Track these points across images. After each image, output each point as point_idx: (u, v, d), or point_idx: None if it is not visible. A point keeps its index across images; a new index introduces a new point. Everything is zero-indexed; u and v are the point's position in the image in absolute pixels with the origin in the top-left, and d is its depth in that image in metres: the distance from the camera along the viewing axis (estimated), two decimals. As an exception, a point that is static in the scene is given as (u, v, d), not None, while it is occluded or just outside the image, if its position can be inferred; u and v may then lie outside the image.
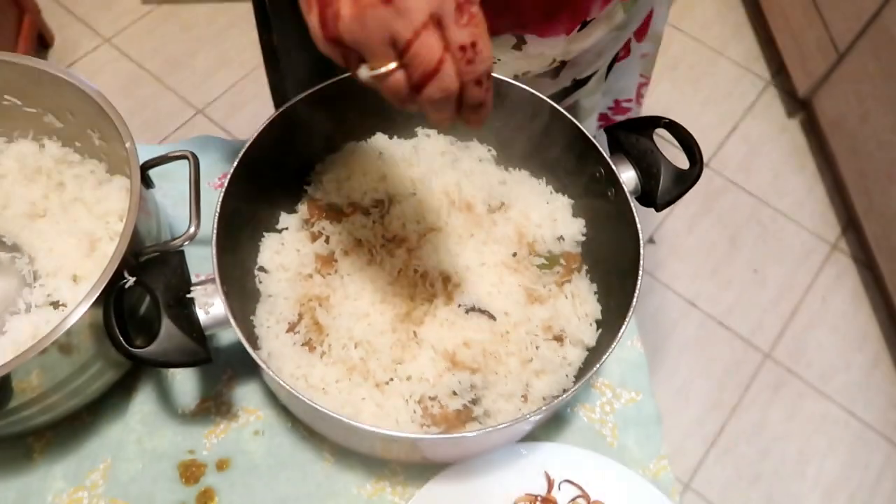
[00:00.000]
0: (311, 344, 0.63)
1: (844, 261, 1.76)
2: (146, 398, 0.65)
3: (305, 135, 0.67)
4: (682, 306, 1.68)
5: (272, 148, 0.63)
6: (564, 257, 0.70)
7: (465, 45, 0.38)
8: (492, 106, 0.42)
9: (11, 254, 0.63)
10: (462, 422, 0.61)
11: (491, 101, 0.42)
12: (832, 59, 1.72)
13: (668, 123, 0.66)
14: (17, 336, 0.59)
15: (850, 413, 1.57)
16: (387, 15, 0.36)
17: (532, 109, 0.66)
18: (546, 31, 0.68)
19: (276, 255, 0.67)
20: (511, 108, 0.67)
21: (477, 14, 0.38)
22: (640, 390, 0.69)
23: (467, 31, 0.38)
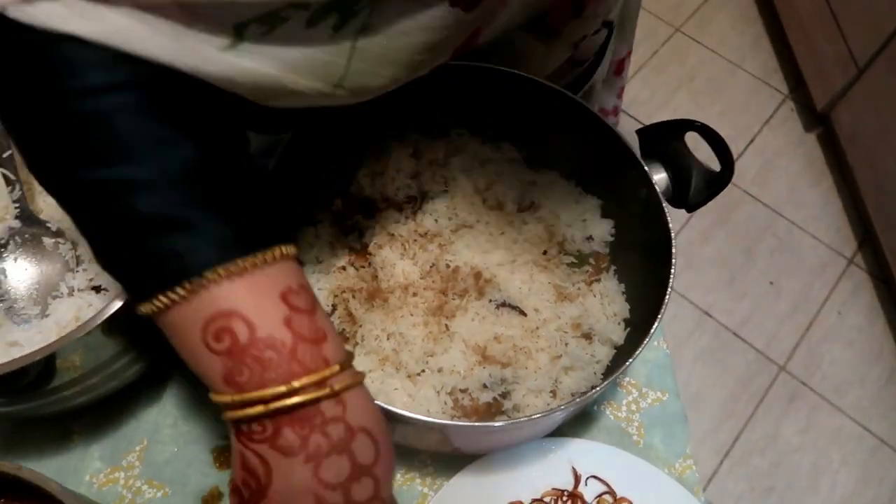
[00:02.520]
0: (344, 334, 0.65)
1: (860, 275, 1.76)
2: (182, 383, 0.67)
3: (341, 131, 0.68)
4: (697, 316, 1.68)
5: (309, 144, 0.65)
6: (594, 257, 0.71)
7: None
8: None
9: (55, 239, 0.64)
10: (492, 415, 0.62)
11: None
12: (851, 75, 1.73)
13: (700, 126, 0.67)
14: (61, 318, 0.60)
15: (864, 428, 1.57)
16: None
17: (562, 111, 0.67)
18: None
19: (310, 247, 0.68)
20: (541, 109, 0.69)
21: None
22: (665, 390, 0.70)
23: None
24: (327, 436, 0.37)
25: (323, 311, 0.40)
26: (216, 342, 0.36)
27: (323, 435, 0.37)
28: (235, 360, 0.36)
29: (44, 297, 0.62)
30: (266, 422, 0.36)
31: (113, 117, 0.37)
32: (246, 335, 0.36)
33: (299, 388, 0.36)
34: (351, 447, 0.38)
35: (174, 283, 0.36)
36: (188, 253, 0.37)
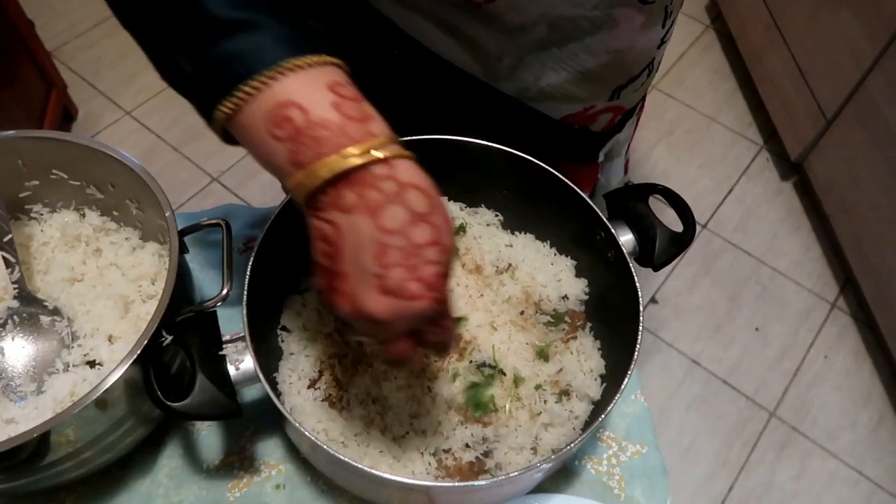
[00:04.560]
0: (331, 399, 0.67)
1: (844, 319, 1.79)
2: (173, 453, 0.69)
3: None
4: (686, 365, 1.70)
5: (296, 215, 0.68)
6: (569, 315, 0.74)
7: (437, 343, 0.50)
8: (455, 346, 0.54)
9: (52, 317, 0.67)
10: (475, 473, 0.64)
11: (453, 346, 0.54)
12: (821, 126, 1.80)
13: (662, 190, 0.71)
14: (57, 394, 0.62)
15: (858, 472, 1.57)
16: (373, 327, 0.45)
17: (536, 178, 0.71)
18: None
19: (297, 315, 0.71)
20: (517, 176, 0.73)
21: (447, 325, 0.49)
22: (645, 443, 0.72)
23: (436, 336, 0.49)
24: (380, 190, 0.43)
25: (368, 104, 0.46)
26: (279, 129, 0.43)
27: (376, 190, 0.43)
28: (296, 142, 0.43)
29: (40, 374, 0.64)
30: (328, 190, 0.43)
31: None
32: (302, 119, 0.43)
33: (350, 154, 0.42)
34: (404, 198, 0.43)
35: (246, 77, 0.43)
36: (256, 51, 0.43)
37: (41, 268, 0.71)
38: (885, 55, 1.56)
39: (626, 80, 0.75)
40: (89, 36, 2.21)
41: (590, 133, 0.82)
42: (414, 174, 0.45)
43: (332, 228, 0.44)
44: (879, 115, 1.59)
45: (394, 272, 0.43)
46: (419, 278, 0.43)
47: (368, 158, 0.43)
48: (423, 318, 0.45)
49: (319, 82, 0.44)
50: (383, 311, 0.44)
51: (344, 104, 0.44)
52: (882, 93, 1.58)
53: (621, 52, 0.70)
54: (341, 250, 0.44)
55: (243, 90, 0.43)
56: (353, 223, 0.43)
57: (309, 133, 0.43)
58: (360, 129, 0.43)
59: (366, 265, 0.43)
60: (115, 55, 2.17)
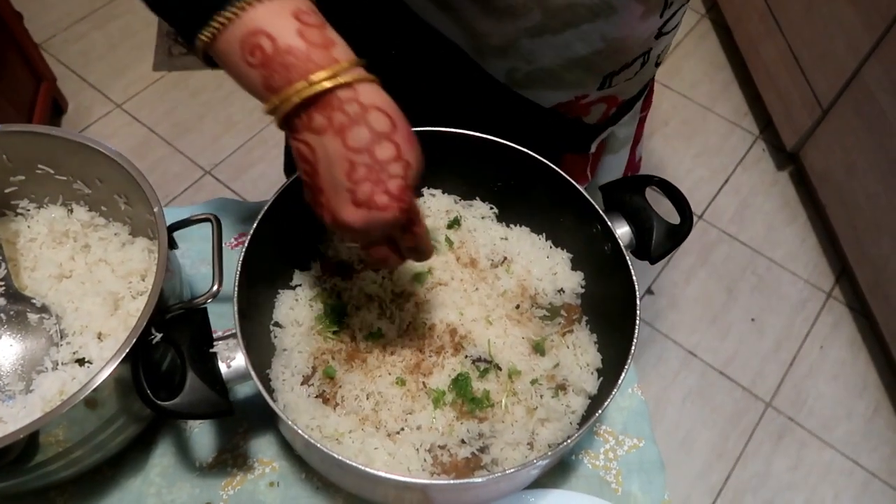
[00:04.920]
0: (324, 396, 0.66)
1: (840, 309, 1.79)
2: (165, 451, 0.68)
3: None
4: (682, 356, 1.70)
5: (287, 210, 0.67)
6: (565, 309, 0.73)
7: (410, 247, 0.56)
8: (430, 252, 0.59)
9: (40, 315, 0.66)
10: (471, 469, 0.64)
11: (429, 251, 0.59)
12: (817, 115, 1.79)
13: (658, 182, 0.70)
14: (45, 393, 0.61)
15: (854, 462, 1.58)
16: (351, 233, 0.51)
17: (531, 170, 0.70)
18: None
19: (290, 310, 0.70)
20: (511, 168, 0.72)
21: (417, 231, 0.55)
22: (642, 437, 0.71)
23: (408, 242, 0.56)
24: (345, 112, 0.47)
25: (332, 30, 0.49)
26: (251, 57, 0.47)
27: (342, 112, 0.47)
28: (267, 68, 0.47)
29: (28, 373, 0.63)
30: (301, 113, 0.48)
31: None
32: (270, 47, 0.46)
33: (316, 80, 0.46)
34: (367, 119, 0.47)
35: (219, 8, 0.46)
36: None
37: (28, 264, 0.70)
38: (881, 44, 1.55)
39: (618, 66, 0.74)
40: (78, 28, 2.19)
41: (582, 124, 0.81)
42: (376, 97, 0.49)
43: (308, 149, 0.49)
44: (876, 104, 1.58)
45: (362, 186, 0.48)
46: (385, 190, 0.48)
47: (334, 83, 0.46)
48: (394, 225, 0.51)
49: (285, 10, 0.47)
50: (357, 220, 0.49)
51: (308, 31, 0.47)
52: (878, 82, 1.57)
53: (617, 41, 0.69)
54: (317, 168, 0.49)
55: (217, 20, 0.47)
56: (324, 144, 0.48)
57: (278, 60, 0.47)
58: (325, 55, 0.47)
59: (338, 181, 0.49)
60: (104, 47, 2.15)
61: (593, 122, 0.81)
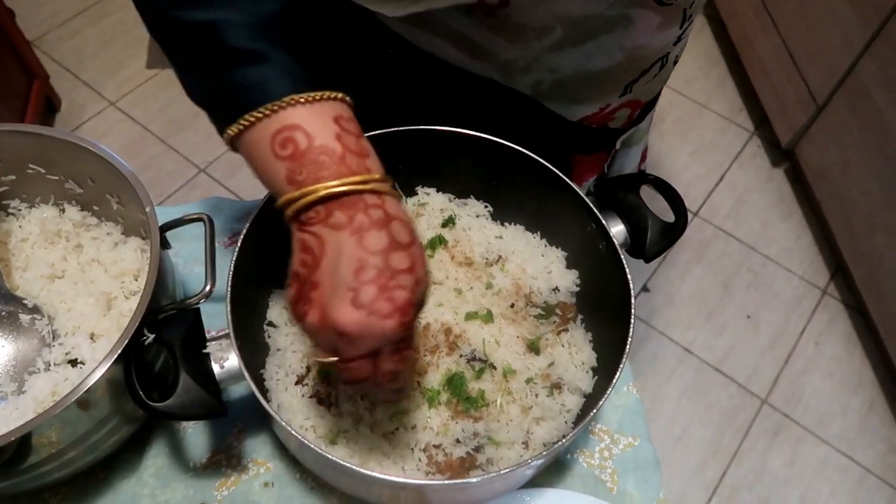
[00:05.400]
0: (319, 396, 0.66)
1: (835, 305, 1.80)
2: (159, 452, 0.67)
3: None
4: (678, 353, 1.70)
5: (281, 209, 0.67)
6: (560, 307, 0.73)
7: (389, 372, 0.50)
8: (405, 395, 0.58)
9: (32, 315, 0.66)
10: (466, 469, 0.63)
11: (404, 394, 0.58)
12: (812, 111, 1.80)
13: (653, 180, 0.70)
14: (38, 394, 0.61)
15: (849, 458, 1.58)
16: (337, 339, 0.47)
17: (526, 168, 0.70)
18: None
19: (284, 310, 0.70)
20: (505, 166, 0.71)
21: (406, 356, 0.50)
22: (637, 435, 0.71)
23: (394, 364, 0.50)
24: (369, 216, 0.46)
25: (367, 141, 0.49)
26: (281, 149, 0.46)
27: (366, 215, 0.46)
28: (296, 162, 0.46)
29: (20, 374, 0.63)
30: (319, 207, 0.46)
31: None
32: (305, 143, 0.46)
33: (345, 183, 0.45)
34: (390, 226, 0.46)
35: (257, 105, 0.46)
36: (269, 81, 0.46)
37: (20, 265, 0.69)
38: (876, 40, 1.55)
39: (637, 74, 0.74)
40: (71, 25, 2.18)
41: (608, 130, 0.81)
42: (400, 211, 0.48)
43: (317, 241, 0.47)
44: (870, 100, 1.58)
45: (368, 288, 0.45)
46: (390, 298, 0.45)
47: (364, 187, 0.46)
48: (388, 339, 0.47)
49: (325, 114, 0.47)
50: (352, 323, 0.45)
51: (346, 137, 0.47)
52: (873, 78, 1.57)
53: (636, 50, 0.70)
54: (320, 262, 0.47)
55: (246, 118, 0.46)
56: (338, 239, 0.46)
57: (310, 156, 0.46)
58: (359, 163, 0.47)
59: (343, 278, 0.46)
60: (98, 45, 2.14)
61: (619, 126, 0.82)
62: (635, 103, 0.80)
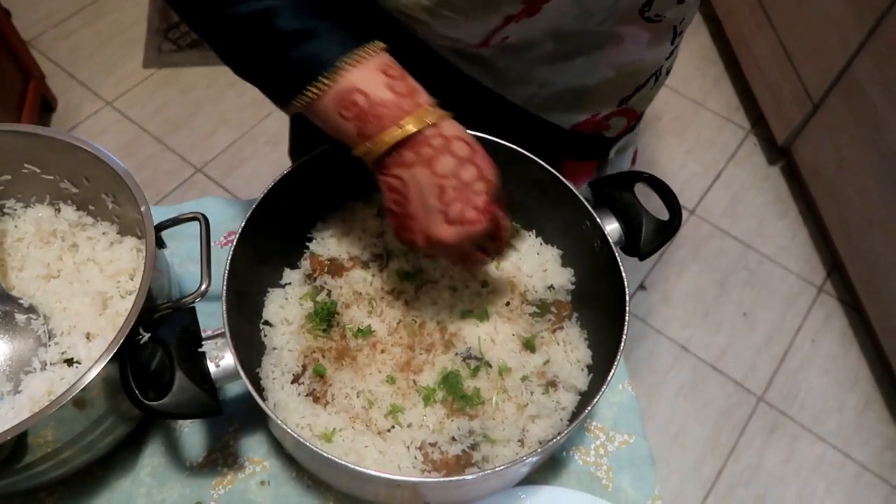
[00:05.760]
0: (315, 394, 0.66)
1: (831, 303, 1.80)
2: (155, 451, 0.67)
3: (308, 194, 0.71)
4: (675, 351, 1.71)
5: (277, 207, 0.67)
6: (555, 305, 0.73)
7: (498, 252, 0.64)
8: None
9: (27, 315, 0.65)
10: (462, 467, 0.64)
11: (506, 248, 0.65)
12: (808, 110, 1.80)
13: (648, 178, 0.70)
14: (34, 394, 0.61)
15: (845, 455, 1.59)
16: (446, 250, 0.58)
17: (521, 167, 0.70)
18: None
19: (280, 309, 0.70)
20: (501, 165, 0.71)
21: (503, 236, 0.62)
22: (632, 432, 0.72)
23: (500, 247, 0.63)
24: (432, 146, 0.54)
25: (411, 77, 0.56)
26: (346, 111, 0.54)
27: (429, 146, 0.54)
28: (362, 120, 0.54)
29: (16, 374, 0.63)
30: (392, 153, 0.55)
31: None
32: (364, 102, 0.54)
33: (406, 124, 0.54)
34: (451, 148, 0.55)
35: (316, 74, 0.53)
36: (322, 53, 0.54)
37: (15, 264, 0.69)
38: (871, 38, 1.56)
39: (632, 90, 0.76)
40: (68, 25, 2.17)
41: (603, 138, 0.82)
42: (455, 129, 0.56)
43: (399, 182, 0.56)
44: (866, 98, 1.59)
45: (454, 206, 0.55)
46: (474, 206, 0.55)
47: (421, 125, 0.54)
48: (484, 234, 0.57)
49: (374, 69, 0.54)
50: (452, 236, 0.56)
51: (395, 84, 0.54)
52: (869, 76, 1.58)
53: (627, 66, 0.72)
54: (408, 197, 0.56)
55: (316, 86, 0.54)
56: (415, 175, 0.55)
57: (371, 112, 0.54)
58: (411, 103, 0.54)
59: (430, 205, 0.55)
60: (94, 44, 2.13)
61: (614, 135, 0.82)
62: (631, 112, 0.80)
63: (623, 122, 0.81)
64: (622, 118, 0.81)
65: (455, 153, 0.55)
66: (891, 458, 1.58)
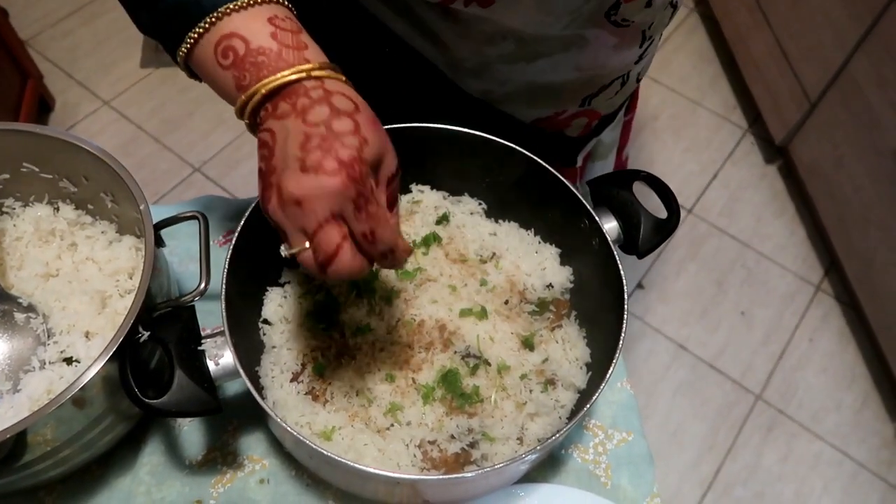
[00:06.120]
0: (314, 393, 0.66)
1: (829, 301, 1.81)
2: (154, 450, 0.67)
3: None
4: (673, 350, 1.71)
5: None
6: (554, 304, 0.73)
7: (365, 233, 0.48)
8: (402, 262, 0.53)
9: (26, 314, 0.66)
10: (461, 465, 0.64)
11: (401, 261, 0.52)
12: (805, 108, 1.80)
13: (645, 176, 0.70)
14: (33, 393, 0.61)
15: (843, 453, 1.59)
16: (297, 211, 0.47)
17: (519, 166, 0.71)
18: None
19: (279, 307, 0.70)
20: (500, 165, 0.72)
21: (374, 211, 0.48)
22: (631, 430, 0.72)
23: (363, 223, 0.48)
24: (310, 97, 0.47)
25: (307, 35, 0.51)
26: (224, 59, 0.49)
27: (306, 97, 0.47)
28: (239, 68, 0.49)
29: (15, 372, 0.63)
30: (267, 105, 0.48)
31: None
32: (243, 48, 0.48)
33: (283, 76, 0.47)
34: (330, 100, 0.47)
35: (193, 25, 0.49)
36: (198, 1, 0.48)
37: (14, 263, 0.69)
38: (868, 37, 1.56)
39: (596, 89, 0.75)
40: (65, 24, 2.17)
41: (565, 137, 0.81)
42: (343, 87, 0.49)
43: (269, 134, 0.48)
44: (863, 97, 1.59)
45: (313, 153, 0.46)
46: (336, 157, 0.46)
47: (301, 75, 0.48)
48: (342, 196, 0.46)
49: (260, 16, 0.49)
50: (302, 186, 0.46)
51: (282, 34, 0.49)
52: (866, 75, 1.58)
53: (591, 70, 0.70)
54: (273, 149, 0.48)
55: (191, 35, 0.49)
56: (285, 125, 0.48)
57: (249, 59, 0.48)
58: (297, 56, 0.49)
59: (290, 153, 0.47)
60: (91, 44, 2.13)
61: (575, 135, 0.81)
62: (593, 113, 0.80)
63: (584, 122, 0.80)
64: (584, 118, 0.80)
65: (333, 104, 0.47)
66: (888, 456, 1.59)
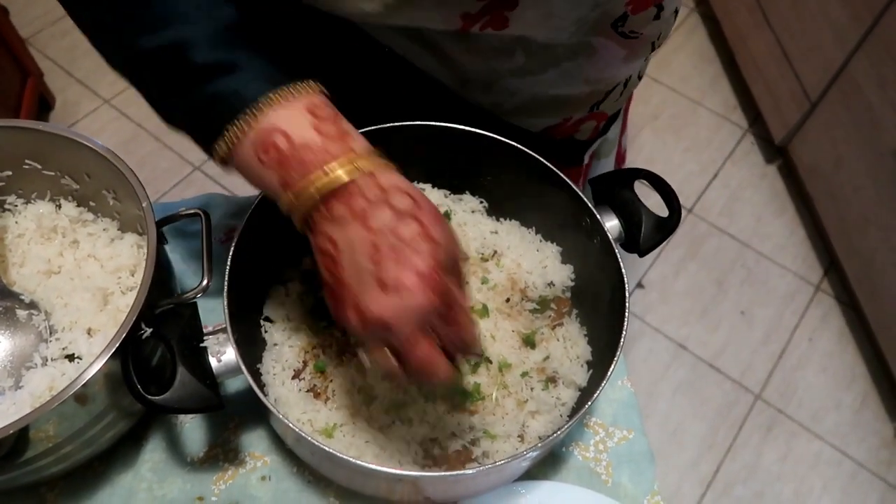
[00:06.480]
0: (315, 390, 0.66)
1: (829, 301, 1.81)
2: (156, 447, 0.68)
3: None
4: (672, 349, 1.71)
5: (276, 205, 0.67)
6: (555, 302, 0.73)
7: (453, 340, 0.48)
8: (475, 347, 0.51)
9: (29, 311, 0.66)
10: (462, 462, 0.64)
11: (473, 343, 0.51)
12: (805, 108, 1.80)
13: (647, 175, 0.70)
14: (35, 389, 0.61)
15: (842, 453, 1.59)
16: (383, 332, 0.45)
17: (521, 164, 0.71)
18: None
19: (281, 305, 0.70)
20: (502, 163, 0.72)
21: (460, 319, 0.47)
22: (631, 428, 0.72)
23: (452, 332, 0.47)
24: (366, 197, 0.45)
25: (346, 121, 0.49)
26: (265, 155, 0.46)
27: (362, 197, 0.45)
28: (283, 166, 0.46)
29: (17, 369, 0.63)
30: (321, 207, 0.46)
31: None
32: (286, 144, 0.46)
33: (334, 170, 0.45)
34: (389, 200, 0.45)
35: (236, 112, 0.46)
36: (242, 88, 0.46)
37: (16, 260, 0.69)
38: (868, 37, 1.56)
39: (602, 96, 0.75)
40: (65, 22, 2.16)
41: (574, 141, 0.81)
42: (396, 179, 0.47)
43: (329, 242, 0.47)
44: (863, 97, 1.59)
45: (387, 265, 0.44)
46: (413, 268, 0.44)
47: (353, 172, 0.45)
48: (430, 312, 0.45)
49: (299, 107, 0.47)
50: (386, 308, 0.44)
51: (323, 125, 0.47)
52: (866, 75, 1.58)
53: (599, 81, 0.70)
54: (339, 260, 0.46)
55: (236, 126, 0.46)
56: (346, 232, 0.45)
57: (294, 156, 0.46)
58: (341, 146, 0.46)
59: (362, 266, 0.45)
60: (92, 42, 2.13)
61: (584, 138, 0.82)
62: (601, 116, 0.80)
63: (593, 125, 0.81)
64: (592, 122, 0.80)
65: (394, 205, 0.45)
66: (887, 456, 1.59)
